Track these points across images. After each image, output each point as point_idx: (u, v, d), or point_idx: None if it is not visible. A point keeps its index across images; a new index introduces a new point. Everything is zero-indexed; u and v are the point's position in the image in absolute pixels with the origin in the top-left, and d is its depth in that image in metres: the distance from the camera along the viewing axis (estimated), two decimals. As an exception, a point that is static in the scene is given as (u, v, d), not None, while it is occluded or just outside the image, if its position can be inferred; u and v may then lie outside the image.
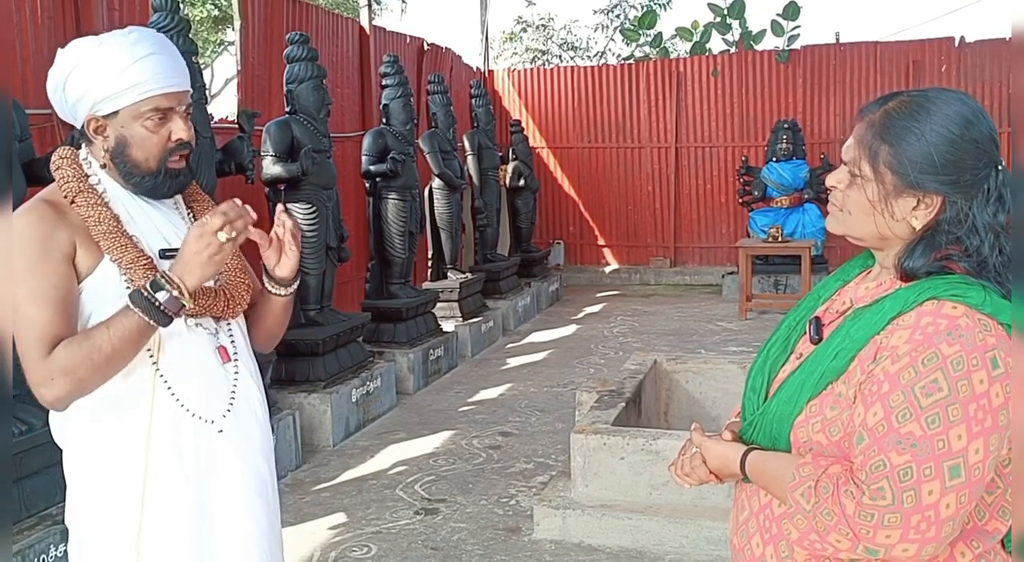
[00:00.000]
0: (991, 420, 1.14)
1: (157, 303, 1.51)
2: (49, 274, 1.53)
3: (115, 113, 1.61)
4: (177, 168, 1.67)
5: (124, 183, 1.66)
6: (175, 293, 1.52)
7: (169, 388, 1.62)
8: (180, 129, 1.64)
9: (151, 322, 1.52)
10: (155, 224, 1.69)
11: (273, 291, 1.76)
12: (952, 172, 1.23)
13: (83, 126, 1.64)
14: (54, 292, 1.53)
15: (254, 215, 1.59)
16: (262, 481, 1.74)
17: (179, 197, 1.79)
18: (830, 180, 1.35)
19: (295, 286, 1.77)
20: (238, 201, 1.59)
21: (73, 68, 1.61)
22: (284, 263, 1.73)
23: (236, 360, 1.72)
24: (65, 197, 1.61)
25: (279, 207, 1.74)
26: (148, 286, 1.52)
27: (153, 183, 1.65)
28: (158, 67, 1.60)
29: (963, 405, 1.13)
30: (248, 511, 1.70)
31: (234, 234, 1.53)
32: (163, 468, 1.61)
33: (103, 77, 1.58)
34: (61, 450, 1.65)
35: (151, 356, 1.61)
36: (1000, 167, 1.25)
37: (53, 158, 1.67)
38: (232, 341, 1.73)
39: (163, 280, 1.52)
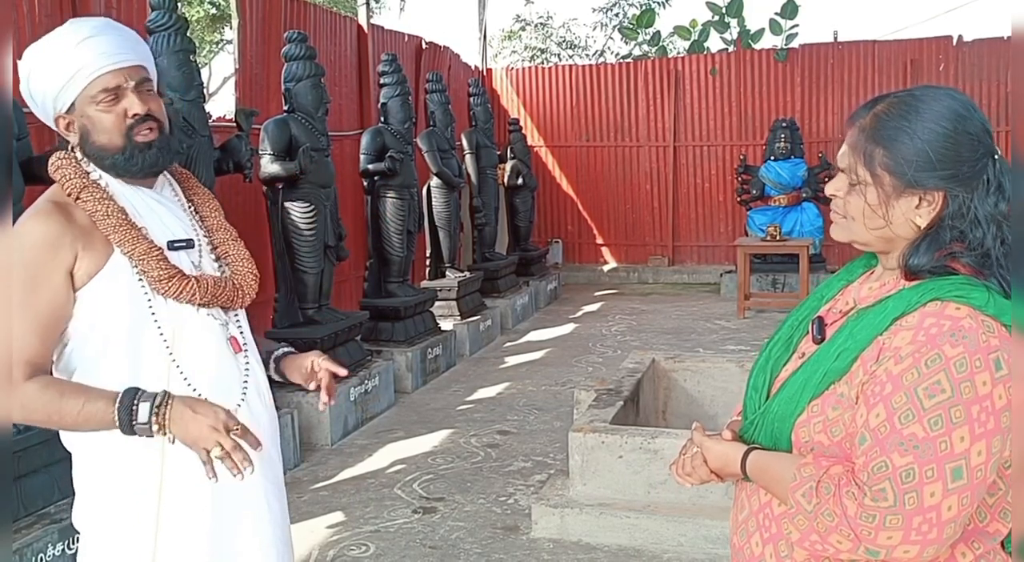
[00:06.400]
0: (994, 422, 1.14)
1: (135, 423, 1.52)
2: (46, 289, 1.53)
3: (73, 105, 1.61)
4: (145, 141, 1.63)
5: (105, 167, 1.65)
6: (155, 428, 1.52)
7: (185, 378, 1.62)
8: (134, 104, 1.62)
9: (117, 424, 1.53)
10: (159, 216, 1.68)
11: (276, 378, 1.87)
12: (950, 166, 1.23)
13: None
14: (46, 309, 1.54)
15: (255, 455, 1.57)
16: (274, 469, 1.78)
17: (179, 189, 1.78)
18: (829, 189, 1.34)
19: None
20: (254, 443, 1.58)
21: (29, 74, 1.61)
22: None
23: (246, 350, 1.74)
24: (69, 194, 1.60)
25: (322, 363, 1.82)
26: (137, 402, 1.52)
27: (124, 160, 1.63)
28: (99, 47, 1.59)
29: (966, 407, 1.13)
30: (264, 498, 1.72)
31: (222, 458, 1.51)
32: (180, 457, 1.60)
33: (52, 72, 1.58)
34: (60, 448, 1.65)
35: (167, 347, 1.61)
36: (997, 156, 1.25)
37: (51, 161, 1.66)
38: (241, 331, 1.75)
39: (154, 415, 1.51)
